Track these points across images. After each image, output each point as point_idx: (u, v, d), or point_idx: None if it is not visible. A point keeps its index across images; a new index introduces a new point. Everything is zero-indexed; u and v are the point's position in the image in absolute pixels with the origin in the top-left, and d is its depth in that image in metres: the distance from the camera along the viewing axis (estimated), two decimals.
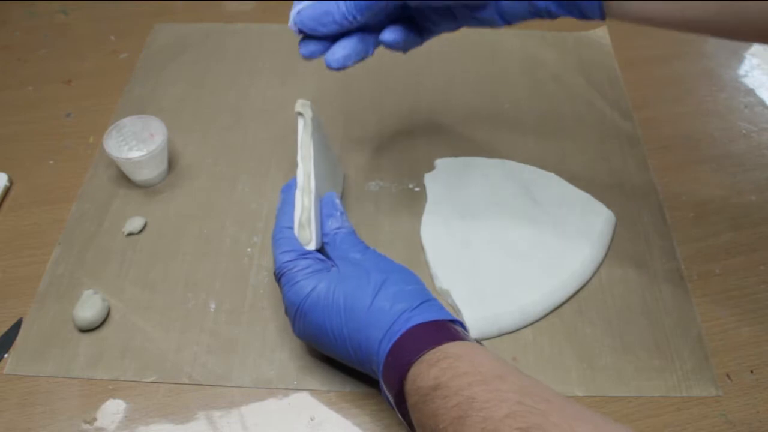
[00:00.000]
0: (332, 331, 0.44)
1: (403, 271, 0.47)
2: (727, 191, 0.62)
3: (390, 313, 0.42)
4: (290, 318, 0.47)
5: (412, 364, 0.40)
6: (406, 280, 0.45)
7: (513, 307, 0.52)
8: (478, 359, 0.38)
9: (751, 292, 0.55)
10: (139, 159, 0.59)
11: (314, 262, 0.47)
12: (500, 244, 0.56)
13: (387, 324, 0.42)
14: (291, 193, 0.50)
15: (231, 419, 0.48)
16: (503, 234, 0.57)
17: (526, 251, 0.56)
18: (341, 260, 0.47)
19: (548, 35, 0.79)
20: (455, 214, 0.59)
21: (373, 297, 0.43)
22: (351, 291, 0.44)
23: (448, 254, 0.56)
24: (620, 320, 0.53)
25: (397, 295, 0.44)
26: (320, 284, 0.45)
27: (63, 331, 0.52)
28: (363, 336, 0.43)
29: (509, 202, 0.59)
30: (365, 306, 0.43)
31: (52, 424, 0.47)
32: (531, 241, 0.57)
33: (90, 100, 0.71)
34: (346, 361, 0.46)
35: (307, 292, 0.45)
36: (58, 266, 0.56)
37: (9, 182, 0.62)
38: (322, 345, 0.47)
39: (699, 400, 0.49)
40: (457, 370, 0.37)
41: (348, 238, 0.49)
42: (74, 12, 0.82)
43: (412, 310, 0.42)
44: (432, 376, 0.38)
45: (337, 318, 0.44)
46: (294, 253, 0.47)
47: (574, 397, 0.49)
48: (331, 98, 0.71)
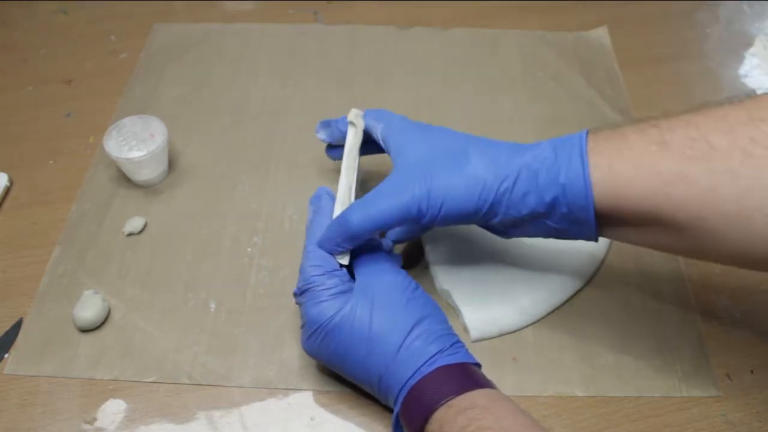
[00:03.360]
0: (353, 359, 0.44)
1: (435, 309, 0.46)
2: None
3: (423, 354, 0.42)
4: (306, 334, 0.46)
5: (438, 407, 0.40)
6: (439, 319, 0.45)
7: (513, 307, 0.52)
8: (502, 412, 0.39)
9: (751, 292, 0.55)
10: (139, 159, 0.59)
11: (341, 282, 0.45)
12: (500, 244, 0.56)
13: (417, 364, 0.42)
14: (322, 204, 0.49)
15: (231, 419, 0.48)
16: None
17: (526, 251, 0.56)
18: (367, 277, 0.46)
19: (548, 35, 0.79)
20: None
21: (405, 335, 0.43)
22: (382, 324, 0.43)
23: (449, 254, 0.56)
24: (620, 320, 0.53)
25: (431, 334, 0.43)
26: (346, 306, 0.44)
27: (63, 331, 0.52)
28: (389, 371, 0.43)
29: None
30: (396, 343, 0.43)
31: (52, 424, 0.47)
32: (531, 242, 0.56)
33: (90, 100, 0.71)
34: (356, 382, 0.46)
35: (332, 313, 0.44)
36: (58, 266, 0.56)
37: (9, 182, 0.62)
38: (334, 366, 0.46)
39: (699, 400, 0.49)
40: (482, 422, 0.38)
41: (381, 257, 0.48)
42: (74, 12, 0.82)
43: (443, 352, 0.42)
44: (459, 424, 0.38)
45: (362, 348, 0.43)
46: (322, 268, 0.45)
47: (574, 397, 0.49)
48: (332, 98, 0.71)
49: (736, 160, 0.37)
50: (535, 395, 0.49)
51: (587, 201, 0.41)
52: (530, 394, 0.49)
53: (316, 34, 0.78)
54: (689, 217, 0.39)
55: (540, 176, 0.42)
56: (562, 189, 0.42)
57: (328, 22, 0.80)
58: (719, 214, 0.38)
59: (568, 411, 0.48)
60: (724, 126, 0.38)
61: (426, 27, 0.80)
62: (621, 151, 0.41)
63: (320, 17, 0.81)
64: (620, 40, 0.78)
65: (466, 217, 0.45)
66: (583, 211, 0.42)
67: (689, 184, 0.38)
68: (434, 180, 0.44)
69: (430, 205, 0.44)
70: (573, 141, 0.43)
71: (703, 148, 0.38)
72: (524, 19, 0.81)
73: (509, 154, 0.44)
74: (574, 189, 0.41)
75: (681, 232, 0.40)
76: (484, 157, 0.44)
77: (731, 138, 0.37)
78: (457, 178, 0.44)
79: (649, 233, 0.42)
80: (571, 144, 0.42)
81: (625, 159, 0.40)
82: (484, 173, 0.44)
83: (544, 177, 0.42)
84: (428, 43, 0.78)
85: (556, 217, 0.43)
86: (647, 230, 0.42)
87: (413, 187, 0.44)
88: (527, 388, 0.49)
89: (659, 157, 0.39)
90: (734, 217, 0.37)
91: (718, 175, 0.37)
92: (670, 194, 0.39)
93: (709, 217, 0.38)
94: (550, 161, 0.42)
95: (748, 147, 0.37)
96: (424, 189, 0.44)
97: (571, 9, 0.83)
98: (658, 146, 0.39)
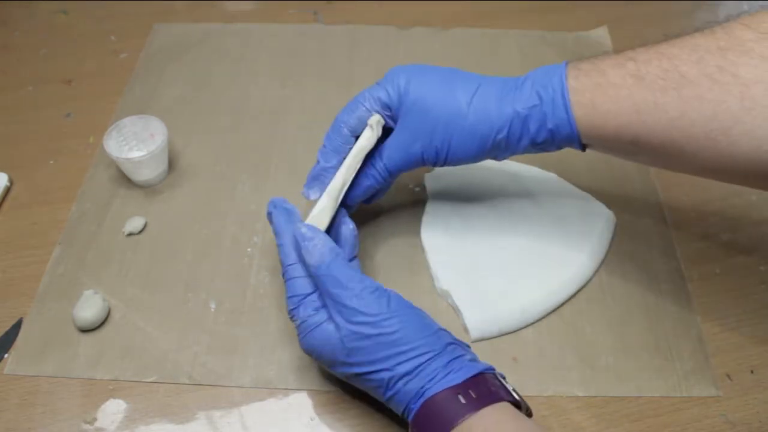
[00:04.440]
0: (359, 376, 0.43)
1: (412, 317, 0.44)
2: (727, 191, 0.62)
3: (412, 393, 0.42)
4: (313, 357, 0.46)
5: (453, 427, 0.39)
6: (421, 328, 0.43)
7: (513, 307, 0.52)
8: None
9: (751, 292, 0.55)
10: (139, 159, 0.59)
11: (321, 304, 0.45)
12: (500, 244, 0.57)
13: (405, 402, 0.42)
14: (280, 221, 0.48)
15: (231, 419, 0.48)
16: (503, 234, 0.57)
17: (527, 251, 0.56)
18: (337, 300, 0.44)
19: (548, 35, 0.79)
20: (455, 214, 0.59)
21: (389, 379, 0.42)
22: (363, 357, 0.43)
23: (448, 254, 0.56)
24: (620, 320, 0.53)
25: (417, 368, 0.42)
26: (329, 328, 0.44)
27: (63, 331, 0.52)
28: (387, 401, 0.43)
29: (509, 202, 0.59)
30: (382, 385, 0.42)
31: (52, 424, 0.47)
32: (531, 242, 0.57)
33: (90, 100, 0.71)
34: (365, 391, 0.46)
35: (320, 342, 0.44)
36: (58, 266, 0.56)
37: (9, 182, 0.62)
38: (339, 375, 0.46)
39: (699, 400, 0.49)
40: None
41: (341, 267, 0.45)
42: (74, 12, 0.82)
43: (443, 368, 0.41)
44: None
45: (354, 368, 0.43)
46: (297, 298, 0.45)
47: (574, 397, 0.49)
48: (331, 99, 0.70)
49: (704, 87, 0.40)
50: (535, 395, 0.49)
51: (573, 137, 0.46)
52: (530, 394, 0.49)
53: (316, 34, 0.78)
54: (662, 140, 0.43)
55: (530, 123, 0.47)
56: (550, 132, 0.47)
57: (328, 22, 0.80)
58: (688, 137, 0.42)
59: (568, 411, 0.48)
60: (695, 55, 0.41)
61: (426, 27, 0.80)
62: (600, 86, 0.44)
63: (320, 17, 0.81)
64: (620, 40, 0.78)
65: (467, 163, 0.51)
66: (570, 143, 0.48)
67: (662, 111, 0.42)
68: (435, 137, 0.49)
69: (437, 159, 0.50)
70: (555, 83, 0.46)
71: (674, 77, 0.42)
72: (524, 19, 0.81)
73: (498, 105, 0.48)
74: (562, 131, 0.46)
75: (654, 152, 0.44)
76: (478, 112, 0.48)
77: (700, 67, 0.41)
78: (456, 136, 0.48)
79: (628, 154, 0.48)
80: (553, 87, 0.46)
81: (605, 94, 0.44)
82: (481, 127, 0.48)
83: (534, 123, 0.47)
84: (428, 43, 0.78)
85: (546, 147, 0.49)
86: (626, 151, 0.47)
87: (417, 146, 0.49)
88: (527, 388, 0.49)
89: (635, 90, 0.43)
90: (702, 140, 0.41)
91: (687, 101, 0.41)
92: (645, 121, 0.43)
93: (679, 140, 0.42)
94: (537, 107, 0.47)
95: (715, 74, 0.40)
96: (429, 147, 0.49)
97: (571, 9, 0.83)
98: (634, 79, 0.43)
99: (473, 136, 0.48)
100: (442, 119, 0.48)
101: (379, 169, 0.51)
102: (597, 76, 0.45)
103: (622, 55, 0.45)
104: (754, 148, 0.40)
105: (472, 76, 0.50)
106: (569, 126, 0.46)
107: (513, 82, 0.48)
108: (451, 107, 0.48)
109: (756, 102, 0.39)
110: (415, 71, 0.50)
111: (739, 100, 0.39)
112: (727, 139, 0.40)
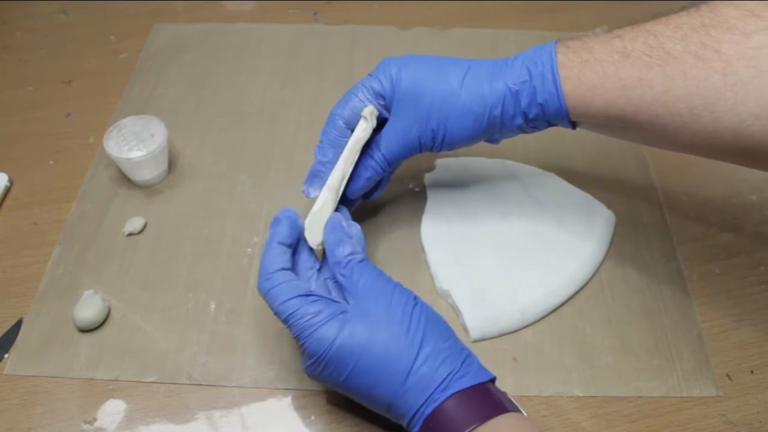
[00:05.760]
0: (359, 388, 0.42)
1: (437, 321, 0.44)
2: (727, 191, 0.62)
3: (433, 379, 0.41)
4: (306, 363, 0.44)
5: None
6: (444, 334, 0.43)
7: (513, 307, 0.52)
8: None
9: (751, 292, 0.55)
10: (139, 159, 0.59)
11: (324, 305, 0.43)
12: (500, 244, 0.56)
13: (428, 391, 0.41)
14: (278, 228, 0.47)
15: (231, 419, 0.48)
16: (503, 234, 0.57)
17: (526, 251, 0.56)
18: (359, 297, 0.44)
19: (548, 35, 0.79)
20: (455, 214, 0.59)
21: (412, 361, 0.41)
22: (386, 350, 0.42)
23: (448, 254, 0.56)
24: (620, 320, 0.53)
25: (438, 355, 0.42)
26: (342, 333, 0.42)
27: (63, 331, 0.52)
28: (399, 400, 0.41)
29: (509, 202, 0.59)
30: (404, 371, 0.41)
31: (52, 424, 0.47)
32: (531, 242, 0.57)
33: (90, 100, 0.71)
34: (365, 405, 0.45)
35: (330, 341, 0.42)
36: (58, 266, 0.56)
37: (9, 182, 0.62)
38: (340, 390, 0.44)
39: (699, 400, 0.49)
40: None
41: (366, 270, 0.45)
42: (74, 12, 0.82)
43: (454, 374, 0.41)
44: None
45: (367, 377, 0.42)
46: (297, 300, 0.43)
47: (574, 397, 0.49)
48: (331, 98, 0.70)
49: (688, 63, 0.41)
50: (535, 395, 0.49)
51: (562, 112, 0.47)
52: (530, 394, 0.49)
53: (316, 34, 0.78)
54: (647, 116, 0.43)
55: (522, 98, 0.48)
56: (540, 107, 0.47)
57: (328, 22, 0.80)
58: (673, 113, 0.42)
59: (568, 411, 0.48)
60: (680, 33, 0.42)
61: (426, 27, 0.80)
62: (588, 62, 0.45)
63: (320, 17, 0.81)
64: None
65: (465, 145, 0.51)
66: (560, 120, 0.48)
67: (647, 87, 0.42)
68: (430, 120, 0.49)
69: (434, 143, 0.50)
70: (544, 59, 0.47)
71: (659, 54, 0.42)
72: (524, 19, 0.81)
73: (490, 82, 0.48)
74: (551, 106, 0.47)
75: (640, 128, 0.45)
76: (471, 91, 0.49)
77: (685, 44, 0.41)
78: (451, 117, 0.49)
79: (615, 130, 0.48)
80: (543, 62, 0.47)
81: (592, 70, 0.45)
82: (474, 106, 0.48)
83: (525, 99, 0.47)
84: (428, 43, 0.78)
85: (538, 125, 0.49)
86: (613, 128, 0.48)
87: (413, 131, 0.50)
88: (527, 388, 0.49)
89: (621, 66, 0.44)
90: (686, 116, 0.42)
91: (672, 77, 0.41)
92: (630, 97, 0.43)
93: (664, 115, 0.43)
94: (528, 82, 0.47)
95: (699, 51, 0.41)
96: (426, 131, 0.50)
97: (571, 9, 0.83)
98: (620, 56, 0.44)
99: (468, 115, 0.48)
100: (435, 102, 0.49)
101: (378, 160, 0.51)
102: (585, 53, 0.46)
103: (611, 33, 0.46)
104: (736, 124, 0.40)
105: (462, 60, 0.50)
106: (558, 101, 0.46)
107: (503, 62, 0.49)
108: (444, 89, 0.49)
109: (738, 78, 0.39)
110: (406, 60, 0.51)
111: (722, 76, 0.40)
112: (711, 115, 0.41)
